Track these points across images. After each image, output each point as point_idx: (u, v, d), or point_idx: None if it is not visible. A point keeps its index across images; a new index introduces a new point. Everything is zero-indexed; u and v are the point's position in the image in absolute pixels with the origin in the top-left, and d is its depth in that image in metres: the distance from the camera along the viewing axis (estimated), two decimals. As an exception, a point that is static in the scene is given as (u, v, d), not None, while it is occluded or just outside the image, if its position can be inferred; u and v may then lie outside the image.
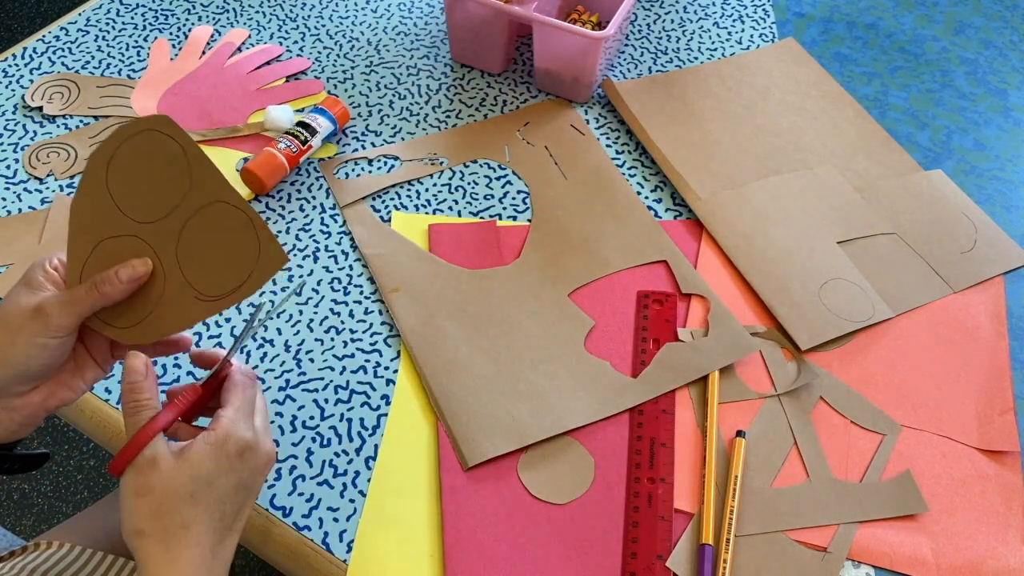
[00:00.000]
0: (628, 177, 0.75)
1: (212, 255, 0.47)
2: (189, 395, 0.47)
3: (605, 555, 0.53)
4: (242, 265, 0.46)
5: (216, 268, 0.46)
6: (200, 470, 0.43)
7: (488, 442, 0.57)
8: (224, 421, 0.45)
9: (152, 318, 0.48)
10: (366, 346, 0.63)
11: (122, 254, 0.47)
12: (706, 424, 0.59)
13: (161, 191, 0.47)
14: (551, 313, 0.64)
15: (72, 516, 0.72)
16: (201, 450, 0.44)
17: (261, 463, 0.46)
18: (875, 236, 0.71)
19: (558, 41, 0.75)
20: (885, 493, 0.56)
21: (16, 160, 0.73)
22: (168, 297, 0.47)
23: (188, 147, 0.46)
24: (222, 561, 0.44)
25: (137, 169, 0.47)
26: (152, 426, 0.44)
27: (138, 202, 0.47)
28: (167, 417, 0.45)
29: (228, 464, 0.44)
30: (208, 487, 0.43)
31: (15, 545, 0.68)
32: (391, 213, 0.71)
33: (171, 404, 0.46)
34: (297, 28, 0.87)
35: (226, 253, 0.46)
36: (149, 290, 0.48)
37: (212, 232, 0.46)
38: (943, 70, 0.88)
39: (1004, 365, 0.64)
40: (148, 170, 0.47)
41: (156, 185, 0.47)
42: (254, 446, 0.46)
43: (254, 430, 0.46)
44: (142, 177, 0.47)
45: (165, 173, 0.47)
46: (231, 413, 0.46)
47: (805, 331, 0.64)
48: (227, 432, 0.45)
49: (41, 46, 0.83)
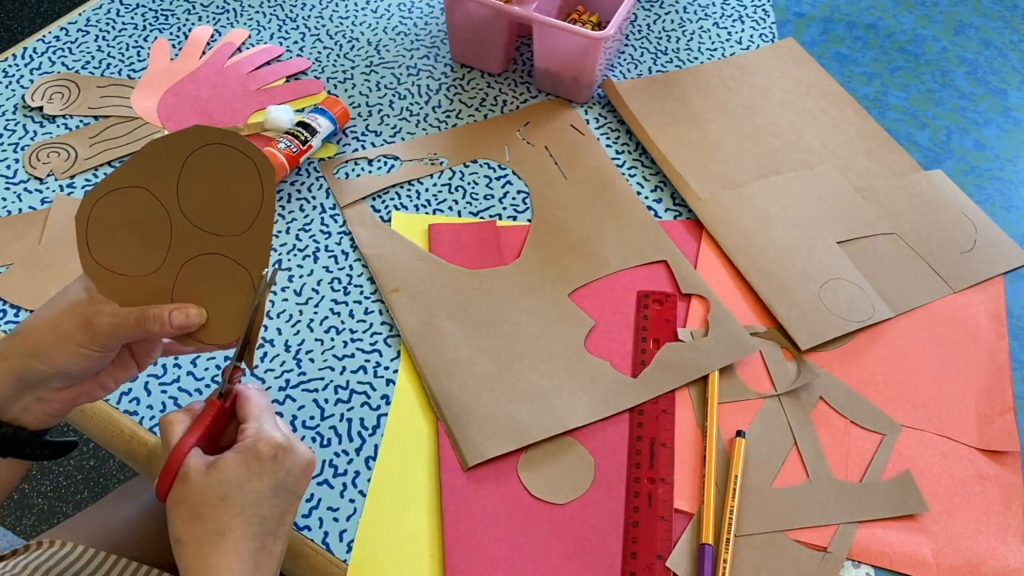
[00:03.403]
0: (628, 177, 0.75)
1: (221, 198, 0.47)
2: (211, 409, 0.47)
3: (605, 555, 0.53)
4: (250, 189, 0.47)
5: (232, 202, 0.47)
6: (229, 474, 0.43)
7: (488, 442, 0.57)
8: (250, 430, 0.45)
9: (215, 312, 0.48)
10: (366, 346, 0.63)
11: (187, 283, 0.48)
12: (706, 424, 0.59)
13: (149, 225, 0.48)
14: (551, 313, 0.64)
15: (72, 516, 0.72)
16: (230, 457, 0.44)
17: (299, 465, 0.46)
18: (875, 236, 0.71)
19: (558, 41, 0.75)
20: (885, 493, 0.56)
21: (16, 160, 0.73)
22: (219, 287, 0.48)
23: (119, 182, 0.47)
24: (265, 569, 0.44)
25: (119, 243, 0.48)
26: (182, 445, 0.44)
27: (150, 251, 0.48)
28: (196, 432, 0.45)
29: (260, 467, 0.44)
30: (239, 489, 0.43)
31: (15, 545, 0.68)
32: (391, 213, 0.71)
33: (196, 421, 0.46)
34: (297, 28, 0.87)
35: (227, 185, 0.47)
36: (227, 284, 0.48)
37: (204, 185, 0.47)
38: (943, 70, 0.88)
39: (1004, 365, 0.64)
40: (126, 232, 0.48)
41: (142, 227, 0.48)
42: (287, 447, 0.45)
43: (284, 433, 0.46)
44: (128, 240, 0.48)
45: (140, 213, 0.48)
46: (254, 421, 0.46)
47: (805, 331, 0.64)
48: (256, 438, 0.45)
49: (41, 46, 0.83)
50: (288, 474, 0.45)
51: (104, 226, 0.47)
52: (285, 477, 0.45)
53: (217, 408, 0.47)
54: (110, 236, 0.47)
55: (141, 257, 0.48)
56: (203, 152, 0.47)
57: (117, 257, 0.48)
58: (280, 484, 0.45)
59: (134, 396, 0.60)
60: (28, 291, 0.64)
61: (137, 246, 0.48)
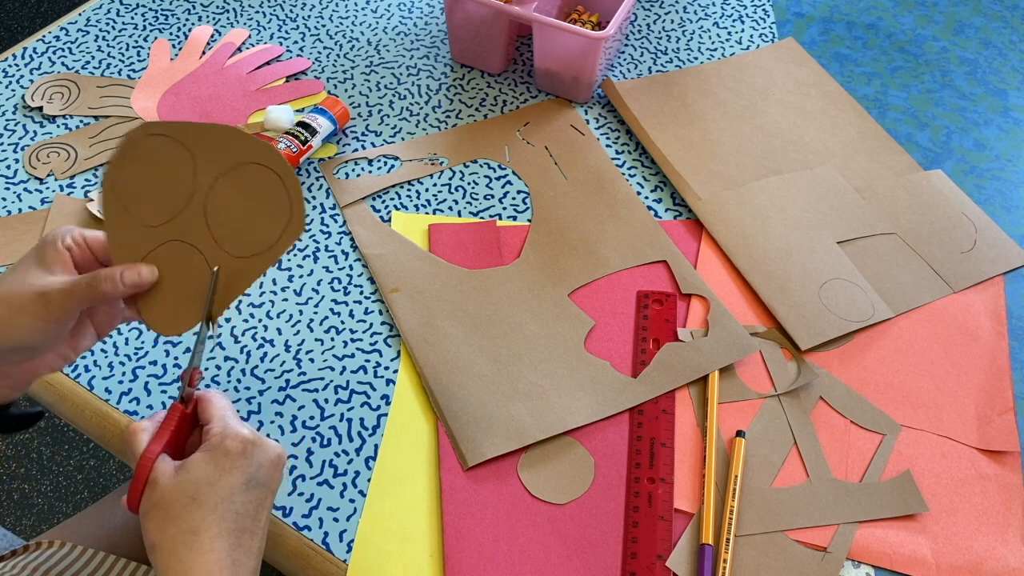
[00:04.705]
0: (628, 177, 0.75)
1: (244, 217, 0.48)
2: (174, 414, 0.47)
3: (605, 555, 0.53)
4: (277, 214, 0.47)
5: (252, 226, 0.48)
6: (198, 473, 0.43)
7: (488, 442, 0.57)
8: (215, 428, 0.45)
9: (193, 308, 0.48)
10: (366, 346, 0.63)
11: (162, 263, 0.48)
12: (706, 424, 0.59)
13: (172, 185, 0.48)
14: (551, 313, 0.64)
15: (72, 516, 0.72)
16: (197, 457, 0.44)
17: (269, 457, 0.45)
18: (875, 236, 0.71)
19: (558, 41, 0.75)
20: (885, 493, 0.56)
21: (16, 160, 0.73)
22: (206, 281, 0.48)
23: (179, 134, 0.47)
24: (244, 566, 0.43)
25: (143, 180, 0.48)
26: (149, 453, 0.44)
27: (156, 207, 0.48)
28: (162, 439, 0.45)
29: (229, 462, 0.44)
30: (210, 487, 0.43)
31: (15, 545, 0.68)
32: (391, 213, 0.71)
33: (161, 427, 0.46)
34: (297, 28, 0.87)
35: (257, 210, 0.47)
36: (195, 283, 0.48)
37: (239, 196, 0.47)
38: (943, 70, 0.87)
39: (1004, 365, 0.64)
40: (153, 175, 0.48)
41: (166, 183, 0.48)
42: (255, 441, 0.45)
43: (250, 429, 0.46)
44: (150, 183, 0.48)
45: (170, 169, 0.47)
46: (219, 421, 0.46)
47: (805, 331, 0.64)
48: (222, 435, 0.44)
49: (41, 46, 0.83)
50: (259, 467, 0.45)
51: (143, 156, 0.48)
52: (256, 471, 0.44)
53: (180, 412, 0.46)
54: (140, 167, 0.48)
55: (146, 206, 0.48)
56: (258, 169, 0.47)
57: (131, 189, 0.48)
58: (252, 478, 0.44)
59: (134, 396, 0.60)
60: (28, 291, 0.64)
61: (150, 194, 0.48)
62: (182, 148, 0.47)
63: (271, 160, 0.47)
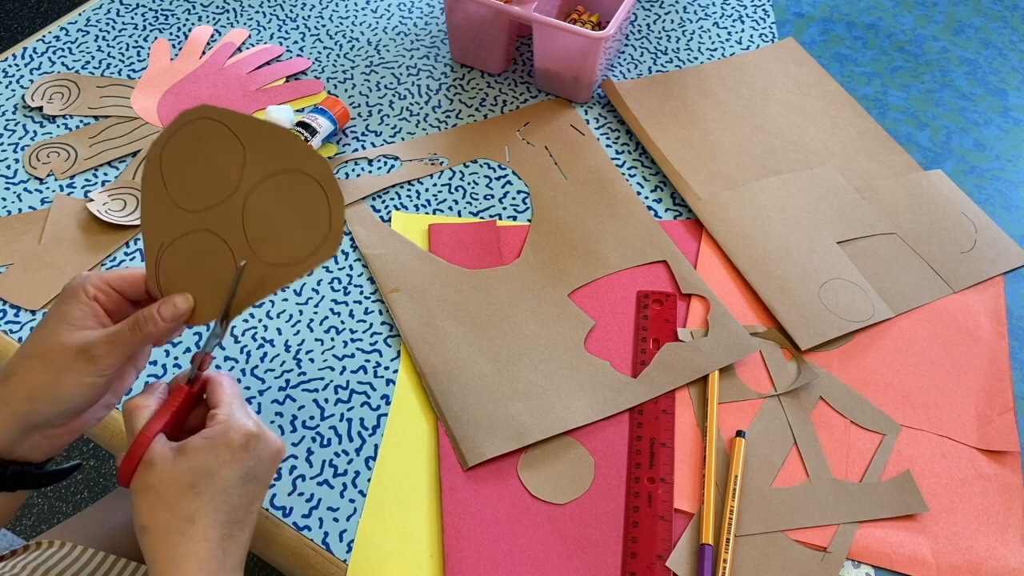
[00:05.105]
0: (628, 177, 0.75)
1: (282, 224, 0.46)
2: (178, 395, 0.46)
3: (605, 555, 0.53)
4: (314, 231, 0.46)
5: (287, 236, 0.46)
6: (198, 461, 0.42)
7: (488, 442, 0.57)
8: (221, 415, 0.45)
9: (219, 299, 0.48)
10: (366, 346, 0.63)
11: (190, 251, 0.47)
12: (706, 424, 0.59)
13: (217, 175, 0.47)
14: (551, 313, 0.64)
15: (72, 516, 0.72)
16: (199, 443, 0.43)
17: (269, 452, 0.45)
18: (875, 236, 0.71)
19: (558, 41, 0.75)
20: (885, 493, 0.56)
21: (16, 160, 0.73)
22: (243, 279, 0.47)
23: (236, 125, 0.46)
24: (233, 557, 0.43)
25: (189, 161, 0.47)
26: (148, 431, 0.43)
27: (196, 192, 0.47)
28: (163, 418, 0.45)
29: (230, 455, 0.43)
30: (209, 477, 0.42)
31: (15, 545, 0.68)
32: (391, 213, 0.71)
33: (163, 406, 0.45)
34: (297, 28, 0.87)
35: (295, 220, 0.46)
36: (219, 278, 0.47)
37: (282, 202, 0.46)
38: (943, 70, 0.88)
39: (1004, 365, 0.64)
40: (201, 159, 0.47)
41: (211, 170, 0.47)
42: (258, 435, 0.45)
43: (255, 421, 0.45)
44: (196, 167, 0.47)
45: (218, 157, 0.46)
46: (225, 407, 0.45)
47: (805, 331, 0.64)
48: (227, 425, 0.44)
49: (41, 46, 0.83)
50: (259, 462, 0.44)
51: (195, 136, 0.47)
52: (255, 465, 0.44)
53: (184, 393, 0.46)
54: (189, 147, 0.47)
55: (186, 188, 0.47)
56: (306, 180, 0.46)
57: (174, 165, 0.47)
58: (250, 472, 0.44)
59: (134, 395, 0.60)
60: (28, 291, 0.64)
61: (192, 177, 0.47)
62: (235, 140, 0.46)
63: (321, 175, 0.45)
